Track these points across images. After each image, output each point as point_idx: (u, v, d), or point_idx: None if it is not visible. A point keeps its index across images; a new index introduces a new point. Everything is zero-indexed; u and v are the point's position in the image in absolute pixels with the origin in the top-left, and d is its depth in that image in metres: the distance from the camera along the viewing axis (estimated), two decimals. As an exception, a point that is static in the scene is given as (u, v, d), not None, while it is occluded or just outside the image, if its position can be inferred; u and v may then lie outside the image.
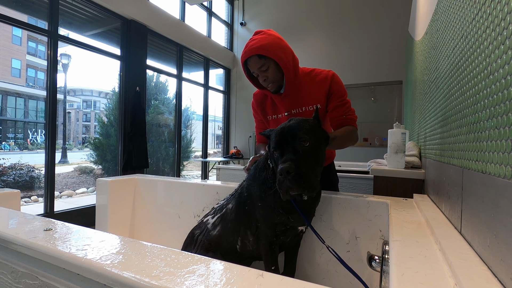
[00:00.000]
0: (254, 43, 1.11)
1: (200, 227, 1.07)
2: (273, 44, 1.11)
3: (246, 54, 1.12)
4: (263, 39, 1.12)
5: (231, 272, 0.46)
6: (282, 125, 0.83)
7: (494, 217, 0.42)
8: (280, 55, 1.12)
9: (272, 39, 1.13)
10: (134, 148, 3.72)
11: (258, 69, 1.14)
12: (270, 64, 1.13)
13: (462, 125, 0.66)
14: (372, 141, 4.78)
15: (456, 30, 0.77)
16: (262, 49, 1.09)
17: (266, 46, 1.10)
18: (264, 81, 1.16)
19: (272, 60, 1.12)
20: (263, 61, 1.12)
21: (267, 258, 0.91)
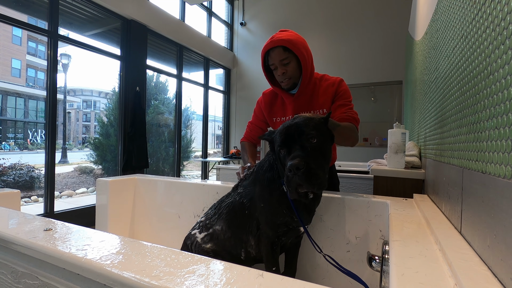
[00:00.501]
0: (281, 36, 1.13)
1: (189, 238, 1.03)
2: (299, 42, 1.15)
3: (271, 44, 1.13)
4: (290, 35, 1.14)
5: (231, 272, 0.46)
6: (287, 123, 0.81)
7: (494, 217, 0.42)
8: (304, 54, 1.15)
9: (298, 37, 1.16)
10: (134, 148, 3.72)
11: (280, 61, 1.15)
12: (292, 59, 1.16)
13: (462, 125, 0.66)
14: (372, 141, 4.78)
15: (456, 30, 0.77)
16: (289, 42, 1.12)
17: (293, 41, 1.13)
18: (282, 74, 1.17)
19: (295, 56, 1.15)
20: (287, 54, 1.14)
21: (268, 258, 0.90)
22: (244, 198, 0.95)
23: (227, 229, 0.96)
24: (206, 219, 1.04)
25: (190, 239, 1.02)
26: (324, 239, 1.10)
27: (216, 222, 0.99)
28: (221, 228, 0.97)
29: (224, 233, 0.96)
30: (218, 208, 1.03)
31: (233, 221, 0.96)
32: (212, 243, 0.97)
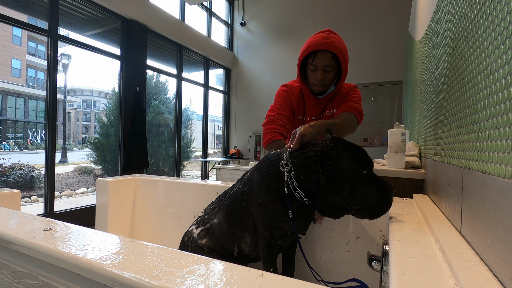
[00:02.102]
0: (335, 41, 1.09)
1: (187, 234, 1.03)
2: (347, 53, 1.14)
3: (324, 45, 1.08)
4: (341, 43, 1.11)
5: (231, 272, 0.46)
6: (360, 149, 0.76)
7: (494, 217, 0.42)
8: (347, 66, 1.15)
9: (346, 48, 1.14)
10: (134, 148, 3.72)
11: (324, 66, 1.12)
12: (334, 68, 1.14)
13: (462, 125, 0.66)
14: (372, 141, 4.78)
15: (456, 30, 0.77)
16: (340, 51, 1.10)
17: (343, 51, 1.11)
18: (320, 80, 1.15)
19: (337, 66, 1.14)
20: (333, 62, 1.12)
21: (265, 260, 0.89)
22: (246, 185, 0.90)
23: (224, 221, 0.92)
24: (205, 214, 1.02)
25: (187, 236, 1.01)
26: (324, 239, 1.10)
27: (215, 216, 0.96)
28: (219, 221, 0.94)
29: (221, 226, 0.93)
30: (219, 201, 0.98)
31: (231, 213, 0.92)
32: (207, 238, 0.95)
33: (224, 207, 0.95)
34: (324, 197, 0.75)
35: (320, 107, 1.27)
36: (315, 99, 1.23)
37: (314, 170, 0.73)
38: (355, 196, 0.73)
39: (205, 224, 0.98)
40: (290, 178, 0.77)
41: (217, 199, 1.03)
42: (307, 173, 0.75)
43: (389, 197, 0.74)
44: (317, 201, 0.77)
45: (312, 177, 0.74)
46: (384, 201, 0.73)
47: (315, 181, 0.74)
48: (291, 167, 0.77)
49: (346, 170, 0.72)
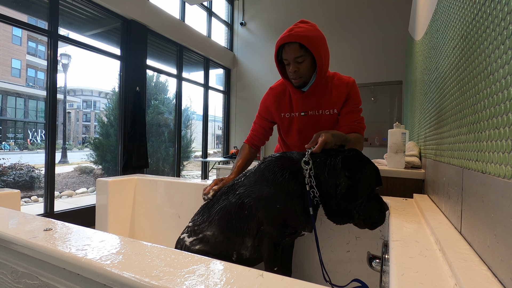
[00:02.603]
0: (300, 30, 1.05)
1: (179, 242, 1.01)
2: (318, 40, 1.06)
3: (288, 38, 1.05)
4: (310, 30, 1.06)
5: (231, 272, 0.46)
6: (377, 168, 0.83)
7: (494, 217, 0.42)
8: (321, 54, 1.07)
9: (319, 35, 1.08)
10: (134, 148, 3.72)
11: (294, 58, 1.08)
12: (307, 58, 1.08)
13: (462, 125, 0.66)
14: (372, 141, 4.78)
15: (456, 30, 0.77)
16: (307, 39, 1.04)
17: (312, 38, 1.04)
18: (294, 72, 1.10)
19: (310, 55, 1.07)
20: (302, 52, 1.07)
21: (270, 259, 0.89)
22: (246, 198, 0.91)
23: (219, 233, 0.93)
24: (194, 225, 1.00)
25: (179, 244, 1.00)
26: (324, 239, 1.10)
27: (207, 229, 0.96)
28: (213, 233, 0.94)
29: (216, 237, 0.93)
30: (207, 216, 0.98)
31: (227, 224, 0.93)
32: (201, 245, 0.95)
33: (216, 221, 0.95)
34: (337, 201, 0.81)
35: (309, 102, 1.19)
36: (300, 94, 1.18)
37: (339, 172, 0.78)
38: (364, 208, 0.80)
39: (197, 234, 0.97)
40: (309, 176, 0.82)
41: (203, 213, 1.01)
42: (331, 173, 0.80)
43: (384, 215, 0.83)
44: (329, 204, 0.83)
45: (335, 178, 0.79)
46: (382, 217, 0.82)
47: (335, 183, 0.79)
48: (311, 166, 0.82)
49: (366, 182, 0.79)
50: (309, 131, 1.22)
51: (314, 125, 1.22)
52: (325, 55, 1.09)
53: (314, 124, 1.22)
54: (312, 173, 0.82)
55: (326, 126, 1.21)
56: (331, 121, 1.21)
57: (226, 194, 0.98)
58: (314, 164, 0.83)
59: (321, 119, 1.21)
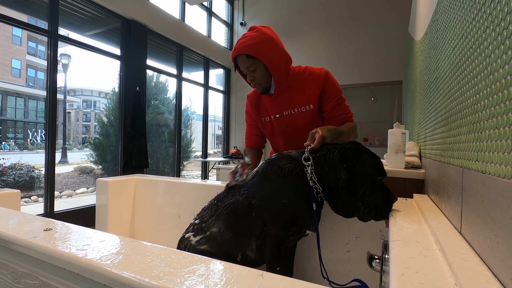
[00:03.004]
0: (244, 41, 1.06)
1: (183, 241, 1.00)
2: (264, 45, 1.05)
3: (235, 52, 1.08)
4: (254, 37, 1.06)
5: (231, 272, 0.46)
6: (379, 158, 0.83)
7: (494, 217, 0.42)
8: (270, 58, 1.06)
9: (264, 38, 1.06)
10: (134, 148, 3.72)
11: (246, 68, 1.10)
12: (258, 65, 1.08)
13: (462, 125, 0.66)
14: (372, 141, 4.78)
15: (456, 30, 0.77)
16: (251, 49, 1.04)
17: (256, 46, 1.04)
18: (251, 81, 1.13)
19: (261, 61, 1.07)
20: (251, 61, 1.07)
21: (272, 258, 0.88)
22: (252, 199, 0.90)
23: (225, 230, 0.92)
24: (201, 222, 0.99)
25: (183, 243, 0.99)
26: (324, 239, 1.10)
27: (213, 224, 0.95)
28: (219, 230, 0.93)
29: (222, 234, 0.92)
30: (215, 210, 0.98)
31: (234, 222, 0.92)
32: (207, 245, 0.94)
33: (223, 216, 0.94)
34: (341, 195, 0.81)
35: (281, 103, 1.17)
36: (270, 97, 1.18)
37: (338, 165, 0.79)
38: (368, 199, 0.80)
39: (205, 232, 0.96)
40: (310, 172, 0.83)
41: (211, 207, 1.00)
42: (330, 166, 0.81)
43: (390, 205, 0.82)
44: (334, 198, 0.84)
45: (335, 172, 0.80)
46: (388, 207, 0.81)
47: (336, 177, 0.80)
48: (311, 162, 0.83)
49: (366, 173, 0.79)
50: (290, 131, 1.21)
51: (293, 124, 1.20)
52: (276, 56, 1.07)
53: (293, 123, 1.20)
54: (313, 169, 0.83)
55: (305, 124, 1.18)
56: (309, 118, 1.18)
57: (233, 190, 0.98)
58: (314, 160, 0.84)
59: (298, 117, 1.18)
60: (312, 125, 1.16)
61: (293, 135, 1.22)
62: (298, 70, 1.18)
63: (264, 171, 0.92)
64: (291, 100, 1.16)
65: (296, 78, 1.16)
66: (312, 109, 1.16)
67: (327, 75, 1.15)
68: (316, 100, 1.15)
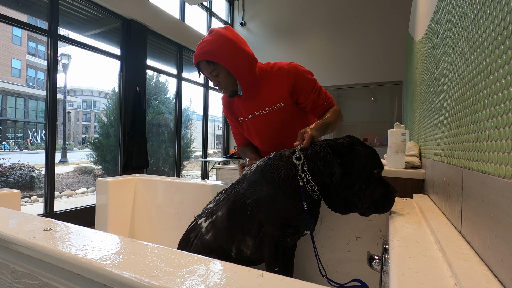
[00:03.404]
0: (203, 46, 1.03)
1: (195, 229, 1.02)
2: (223, 48, 1.02)
3: (196, 58, 1.05)
4: (212, 41, 1.02)
5: (231, 272, 0.46)
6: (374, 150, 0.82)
7: (494, 217, 0.42)
8: (230, 61, 1.03)
9: (222, 42, 1.02)
10: (134, 148, 3.72)
11: (209, 74, 1.07)
12: (220, 69, 1.05)
13: (462, 125, 0.66)
14: (372, 141, 4.78)
15: (456, 30, 0.77)
16: (210, 54, 1.01)
17: (214, 51, 1.01)
18: (216, 86, 1.11)
19: (222, 66, 1.05)
20: (212, 67, 1.04)
21: (271, 259, 0.89)
22: (248, 198, 0.91)
23: (225, 217, 0.93)
24: (215, 205, 1.00)
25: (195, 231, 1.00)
26: (324, 239, 1.10)
27: (221, 207, 0.96)
28: (222, 215, 0.94)
29: (222, 221, 0.93)
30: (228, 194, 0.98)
31: (232, 213, 0.93)
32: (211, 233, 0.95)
33: (229, 202, 0.95)
34: (337, 191, 0.80)
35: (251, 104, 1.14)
36: (240, 98, 1.15)
37: (331, 160, 0.78)
38: (365, 193, 0.78)
39: (212, 216, 0.98)
40: (303, 171, 0.82)
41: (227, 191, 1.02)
42: (323, 162, 0.80)
43: (392, 198, 0.80)
44: (330, 195, 0.82)
45: (328, 167, 0.79)
46: (388, 200, 0.79)
47: (330, 172, 0.78)
48: (303, 160, 0.82)
49: (360, 166, 0.77)
50: (265, 130, 1.19)
51: (267, 124, 1.17)
52: (237, 59, 1.04)
53: (266, 122, 1.17)
54: (305, 167, 0.82)
55: (279, 122, 1.15)
56: (282, 115, 1.14)
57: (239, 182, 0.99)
58: (305, 157, 0.83)
59: (271, 116, 1.15)
60: (287, 123, 1.15)
61: (269, 134, 1.19)
62: (266, 67, 1.14)
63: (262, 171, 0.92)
64: (261, 100, 1.13)
65: (264, 76, 1.12)
66: (284, 106, 1.12)
67: (296, 69, 1.10)
68: (287, 97, 1.11)
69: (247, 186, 0.93)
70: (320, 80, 1.26)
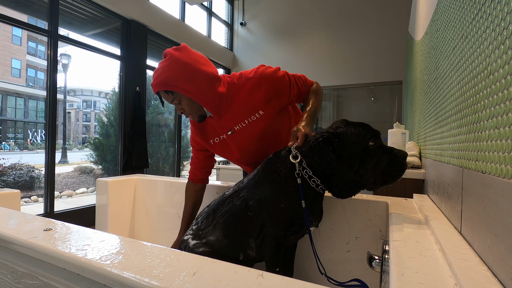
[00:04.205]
0: (158, 75, 0.97)
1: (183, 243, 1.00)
2: (179, 75, 0.95)
3: (154, 89, 0.99)
4: (167, 68, 0.96)
5: (231, 272, 0.46)
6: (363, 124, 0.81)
7: (494, 217, 0.42)
8: (189, 88, 0.96)
9: (178, 67, 0.95)
10: (134, 148, 3.72)
11: (171, 102, 1.01)
12: (181, 97, 0.99)
13: (462, 125, 0.66)
14: (372, 141, 4.78)
15: (456, 30, 0.77)
16: (166, 84, 0.95)
17: (170, 79, 0.95)
18: (181, 114, 1.05)
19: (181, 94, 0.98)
20: (172, 96, 0.98)
21: (272, 259, 0.89)
22: (250, 200, 0.91)
23: (223, 238, 0.93)
24: (198, 228, 0.99)
25: (183, 244, 1.00)
26: (324, 239, 1.10)
27: (211, 233, 0.95)
28: (216, 239, 0.94)
29: (220, 242, 0.93)
30: (212, 218, 0.97)
31: (232, 227, 0.92)
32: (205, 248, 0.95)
33: (220, 225, 0.94)
34: (339, 176, 0.81)
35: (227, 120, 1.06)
36: (212, 119, 1.07)
37: (325, 150, 0.80)
38: (367, 168, 0.78)
39: (201, 239, 0.96)
40: (303, 169, 0.83)
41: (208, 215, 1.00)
42: (319, 154, 0.81)
43: (400, 162, 0.78)
44: (333, 183, 0.83)
45: (324, 158, 0.80)
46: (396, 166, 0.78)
47: (327, 162, 0.80)
48: (301, 158, 0.83)
49: (352, 144, 0.78)
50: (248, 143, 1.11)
51: (249, 136, 1.09)
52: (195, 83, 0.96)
53: (248, 135, 1.09)
54: (304, 164, 0.83)
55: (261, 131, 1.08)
56: (263, 123, 1.07)
57: (231, 197, 0.98)
58: (302, 155, 0.84)
59: (252, 127, 1.07)
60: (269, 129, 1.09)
61: (253, 146, 1.12)
62: (233, 80, 1.06)
63: (264, 172, 0.92)
64: (237, 114, 1.05)
65: (233, 90, 1.05)
66: (263, 114, 1.05)
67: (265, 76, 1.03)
68: (264, 105, 1.04)
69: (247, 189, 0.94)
70: (320, 80, 1.25)
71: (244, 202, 0.92)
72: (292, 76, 1.09)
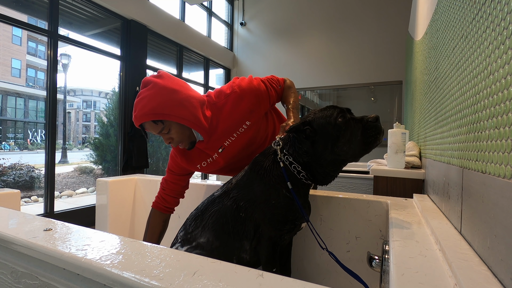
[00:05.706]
0: (143, 104, 0.91)
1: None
2: (169, 103, 0.91)
3: (137, 120, 0.92)
4: (154, 97, 0.91)
5: (231, 272, 0.46)
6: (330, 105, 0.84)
7: (494, 217, 0.42)
8: (181, 113, 0.92)
9: (166, 94, 0.91)
10: (134, 148, 3.72)
11: (158, 133, 0.96)
12: (171, 125, 0.95)
13: (462, 125, 0.66)
14: (372, 141, 4.78)
15: (456, 30, 0.77)
16: (155, 113, 0.90)
17: (160, 108, 0.90)
18: (169, 143, 0.99)
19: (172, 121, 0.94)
20: (161, 125, 0.94)
21: (268, 260, 0.89)
22: (241, 200, 0.90)
23: (214, 239, 0.90)
24: (186, 233, 0.95)
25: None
26: (324, 239, 1.10)
27: (200, 235, 0.92)
28: (207, 240, 0.91)
29: (212, 243, 0.91)
30: (201, 220, 0.94)
31: (223, 228, 0.90)
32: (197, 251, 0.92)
33: (210, 225, 0.92)
34: (318, 162, 0.83)
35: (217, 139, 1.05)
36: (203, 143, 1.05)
37: (299, 139, 0.84)
38: (342, 144, 0.79)
39: (191, 242, 0.93)
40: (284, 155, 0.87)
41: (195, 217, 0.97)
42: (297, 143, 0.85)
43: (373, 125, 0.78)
44: (314, 169, 0.85)
45: (301, 147, 0.84)
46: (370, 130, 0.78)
47: (304, 150, 0.84)
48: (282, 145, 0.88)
49: (321, 126, 0.81)
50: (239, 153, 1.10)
51: (239, 147, 1.08)
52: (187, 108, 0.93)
53: (238, 146, 1.08)
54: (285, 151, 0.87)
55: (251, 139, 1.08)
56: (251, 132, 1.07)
57: (220, 198, 0.95)
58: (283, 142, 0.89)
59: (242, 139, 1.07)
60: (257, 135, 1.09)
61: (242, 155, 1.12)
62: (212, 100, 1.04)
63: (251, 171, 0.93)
64: (225, 131, 1.04)
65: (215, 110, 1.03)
66: (250, 124, 1.05)
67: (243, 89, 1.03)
68: (248, 116, 1.04)
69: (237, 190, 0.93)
70: (320, 80, 1.25)
71: (235, 203, 0.91)
72: (266, 80, 1.12)
